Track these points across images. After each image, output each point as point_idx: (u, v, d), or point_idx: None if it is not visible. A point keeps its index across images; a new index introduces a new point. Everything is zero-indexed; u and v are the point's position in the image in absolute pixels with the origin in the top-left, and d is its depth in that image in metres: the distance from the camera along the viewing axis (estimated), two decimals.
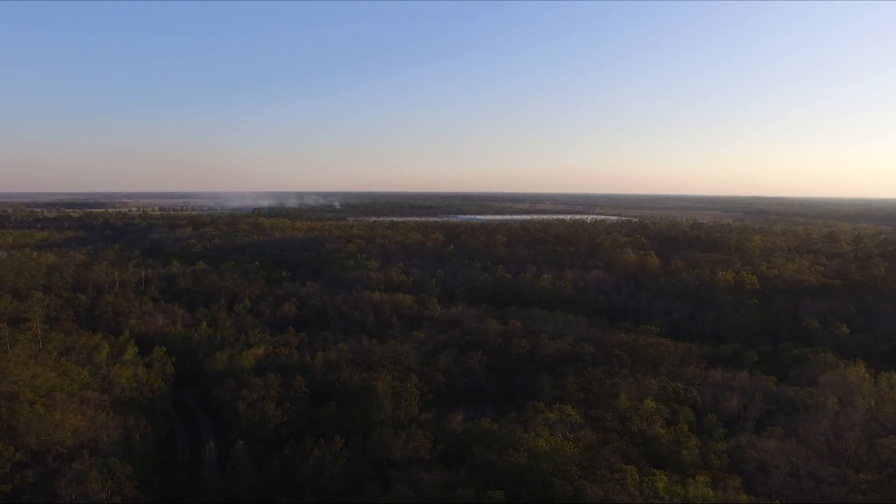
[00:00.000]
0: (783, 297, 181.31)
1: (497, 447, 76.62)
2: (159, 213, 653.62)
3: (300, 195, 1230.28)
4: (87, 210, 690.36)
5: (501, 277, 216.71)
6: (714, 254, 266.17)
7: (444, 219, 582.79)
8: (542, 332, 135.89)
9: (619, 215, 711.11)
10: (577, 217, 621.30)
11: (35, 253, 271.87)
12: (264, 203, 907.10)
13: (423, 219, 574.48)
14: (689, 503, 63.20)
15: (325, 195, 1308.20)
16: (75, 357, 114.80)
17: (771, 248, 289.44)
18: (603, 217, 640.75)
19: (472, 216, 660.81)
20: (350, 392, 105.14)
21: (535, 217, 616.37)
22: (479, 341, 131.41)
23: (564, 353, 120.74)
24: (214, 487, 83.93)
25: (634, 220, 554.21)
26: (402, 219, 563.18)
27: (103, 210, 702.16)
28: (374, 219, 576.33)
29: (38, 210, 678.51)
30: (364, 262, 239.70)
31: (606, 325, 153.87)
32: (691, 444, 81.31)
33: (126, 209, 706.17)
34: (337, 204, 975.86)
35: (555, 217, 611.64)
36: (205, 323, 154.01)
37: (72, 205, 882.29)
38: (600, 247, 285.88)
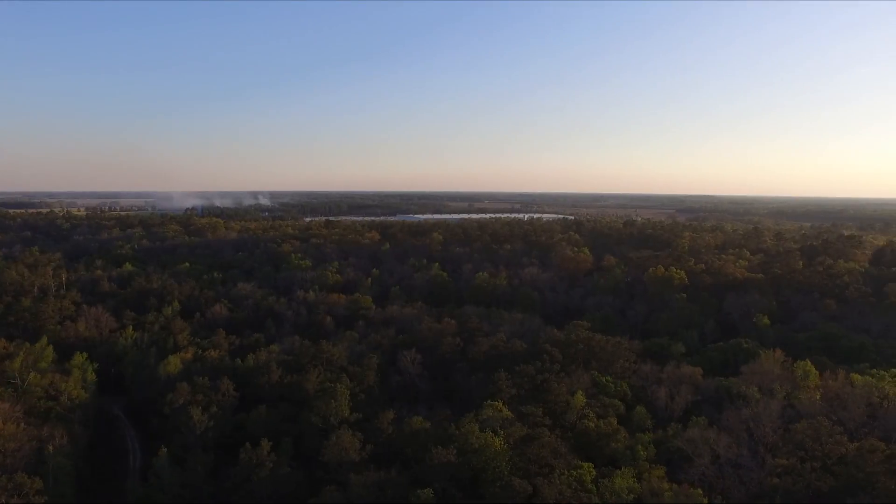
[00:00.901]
0: (709, 291, 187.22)
1: (428, 445, 76.32)
2: (84, 213, 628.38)
3: (243, 196, 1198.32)
4: (5, 210, 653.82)
5: (437, 276, 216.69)
6: (645, 250, 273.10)
7: (381, 218, 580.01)
8: (477, 330, 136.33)
9: (556, 213, 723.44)
10: (514, 215, 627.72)
11: None
12: (199, 203, 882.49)
13: (360, 218, 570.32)
14: (614, 495, 64.25)
15: (271, 195, 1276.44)
16: None
17: (699, 244, 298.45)
18: (539, 215, 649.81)
19: (410, 215, 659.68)
20: (279, 394, 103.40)
21: (473, 216, 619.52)
22: (413, 340, 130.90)
23: (498, 351, 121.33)
24: (136, 497, 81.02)
25: (570, 217, 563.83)
26: (337, 218, 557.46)
27: (34, 211, 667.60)
28: (309, 218, 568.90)
29: None
30: (298, 263, 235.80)
31: (540, 322, 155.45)
32: (620, 437, 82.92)
33: (48, 209, 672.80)
34: (275, 204, 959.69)
35: (492, 215, 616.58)
36: (130, 327, 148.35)
37: (3, 204, 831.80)
38: (536, 244, 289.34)
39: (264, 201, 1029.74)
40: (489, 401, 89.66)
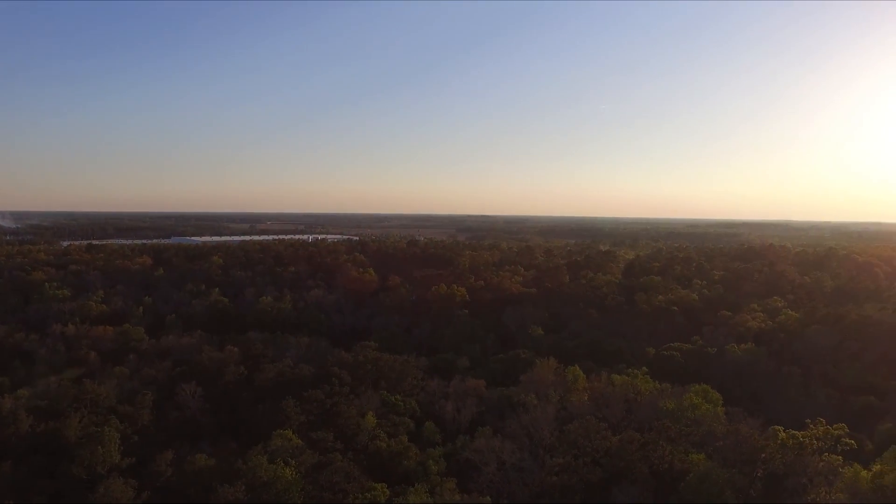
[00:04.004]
0: (489, 306, 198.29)
1: (213, 484, 71.26)
2: None
3: None
4: None
5: (217, 301, 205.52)
6: (429, 269, 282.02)
7: (154, 241, 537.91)
8: (262, 357, 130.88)
9: (341, 234, 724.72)
10: (299, 237, 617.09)
11: None
12: None
13: (130, 241, 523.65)
14: None
15: (14, 215, 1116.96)
16: None
17: (479, 262, 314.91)
18: (324, 236, 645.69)
19: (186, 238, 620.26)
20: (31, 446, 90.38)
21: (255, 237, 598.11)
22: (192, 371, 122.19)
23: (285, 377, 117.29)
24: None
25: (355, 238, 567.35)
26: (103, 242, 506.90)
27: None
28: (67, 242, 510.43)
29: None
30: (53, 293, 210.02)
31: (328, 345, 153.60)
32: (411, 454, 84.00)
33: None
34: (20, 225, 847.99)
35: (275, 237, 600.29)
36: None
37: None
38: (321, 266, 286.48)
39: (6, 222, 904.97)
40: (278, 430, 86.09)
